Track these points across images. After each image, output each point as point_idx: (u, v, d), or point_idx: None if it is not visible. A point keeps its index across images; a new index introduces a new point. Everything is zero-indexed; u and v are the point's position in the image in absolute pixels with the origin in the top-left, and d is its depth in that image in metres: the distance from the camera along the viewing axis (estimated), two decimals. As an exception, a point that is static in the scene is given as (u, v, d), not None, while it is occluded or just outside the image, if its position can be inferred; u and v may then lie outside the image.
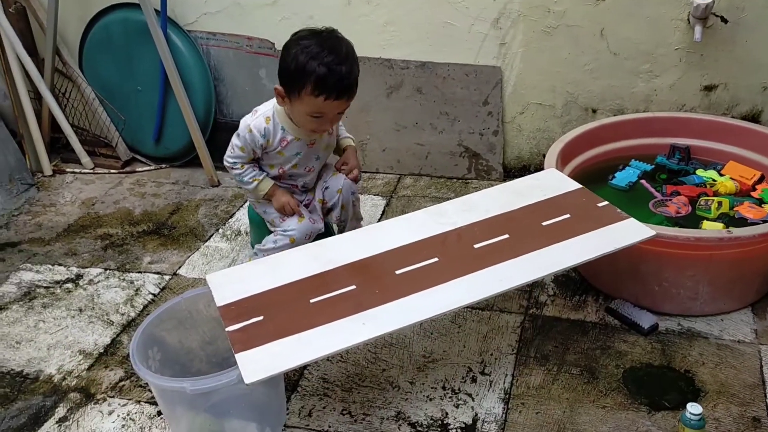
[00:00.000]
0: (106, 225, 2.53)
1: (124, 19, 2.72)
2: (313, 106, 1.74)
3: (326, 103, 1.73)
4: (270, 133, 1.87)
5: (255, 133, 1.86)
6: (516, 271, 1.58)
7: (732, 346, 1.77)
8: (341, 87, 1.73)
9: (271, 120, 1.87)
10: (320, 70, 1.69)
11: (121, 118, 2.87)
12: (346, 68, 1.73)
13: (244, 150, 1.89)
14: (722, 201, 1.96)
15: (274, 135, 1.88)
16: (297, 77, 1.72)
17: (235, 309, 1.52)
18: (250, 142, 1.88)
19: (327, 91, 1.71)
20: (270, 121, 1.87)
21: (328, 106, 1.74)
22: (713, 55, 2.26)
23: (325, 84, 1.70)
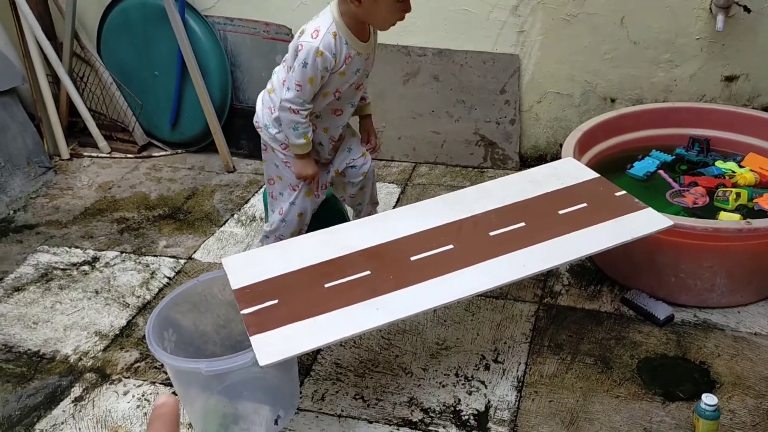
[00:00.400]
0: (123, 209, 2.55)
1: (143, 4, 2.73)
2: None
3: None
4: (338, 50, 1.69)
5: (327, 55, 1.66)
6: (531, 259, 1.58)
7: (748, 339, 1.75)
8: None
9: (338, 35, 1.67)
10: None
11: (138, 102, 2.89)
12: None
13: (313, 82, 1.68)
14: (741, 192, 1.94)
15: (341, 52, 1.69)
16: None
17: (250, 292, 1.52)
18: (321, 69, 1.67)
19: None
20: (337, 36, 1.67)
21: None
22: (735, 45, 2.23)
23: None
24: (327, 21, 1.69)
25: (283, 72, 1.80)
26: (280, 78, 1.82)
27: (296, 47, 1.69)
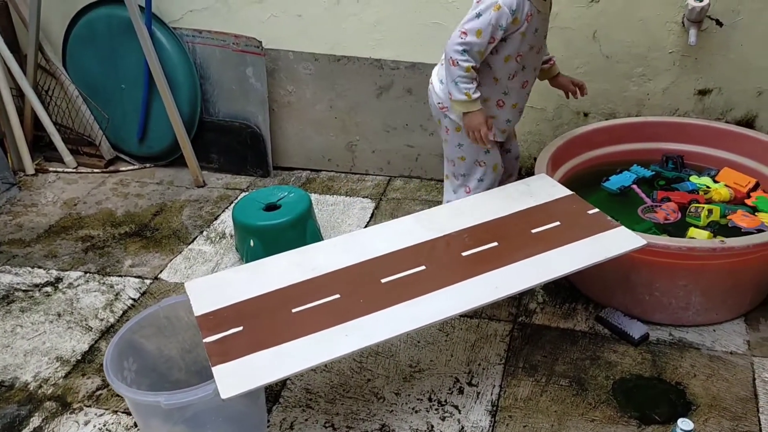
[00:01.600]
0: (88, 226, 2.47)
1: (109, 16, 2.66)
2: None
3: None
4: (519, 7, 1.64)
5: (504, 9, 1.62)
6: (504, 280, 1.54)
7: (724, 358, 1.73)
8: None
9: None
10: None
11: (105, 116, 2.82)
12: None
13: (482, 35, 1.63)
14: (713, 209, 1.93)
15: (522, 9, 1.65)
16: None
17: (214, 319, 1.47)
18: (493, 24, 1.63)
19: None
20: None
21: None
22: (707, 58, 2.22)
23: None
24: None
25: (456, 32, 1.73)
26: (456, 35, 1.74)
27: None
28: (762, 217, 1.90)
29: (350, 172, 2.76)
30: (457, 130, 1.87)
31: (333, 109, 2.65)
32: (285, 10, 2.53)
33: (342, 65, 2.56)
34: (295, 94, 2.66)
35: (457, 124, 1.85)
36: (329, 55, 2.55)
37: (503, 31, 1.66)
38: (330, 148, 2.73)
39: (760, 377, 1.67)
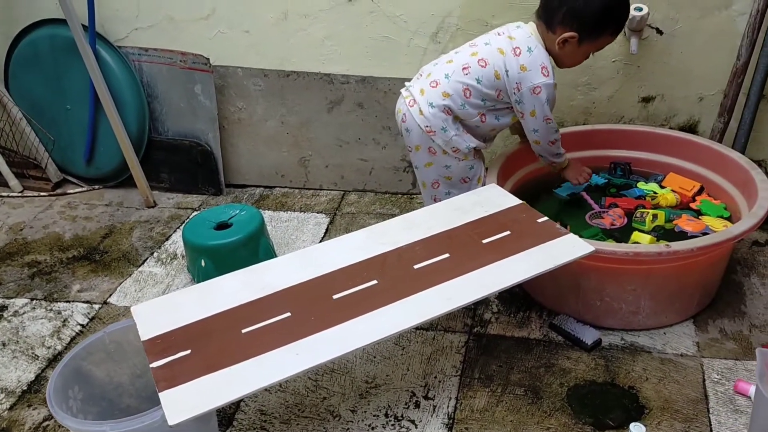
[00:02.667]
0: (35, 251, 2.41)
1: (51, 36, 2.61)
2: (605, 43, 1.85)
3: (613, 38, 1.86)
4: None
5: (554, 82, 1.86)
6: (455, 292, 1.54)
7: (675, 360, 1.76)
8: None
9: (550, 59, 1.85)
10: (624, 12, 1.82)
11: (51, 138, 2.75)
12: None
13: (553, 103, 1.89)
14: (657, 213, 1.96)
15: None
16: (603, 20, 1.78)
17: (161, 342, 1.43)
18: (553, 96, 1.87)
19: (621, 28, 1.85)
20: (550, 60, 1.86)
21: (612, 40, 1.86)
22: (650, 66, 2.27)
23: (623, 22, 1.84)
24: (542, 53, 1.83)
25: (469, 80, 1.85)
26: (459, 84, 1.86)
27: (530, 89, 1.82)
28: (706, 221, 1.94)
29: (304, 187, 2.74)
30: (443, 153, 1.92)
31: (284, 124, 2.63)
32: (232, 27, 2.51)
33: (292, 80, 2.55)
34: (246, 111, 2.64)
35: (444, 148, 1.91)
36: (279, 71, 2.54)
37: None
38: (283, 164, 2.72)
39: (709, 378, 1.70)
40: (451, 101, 1.86)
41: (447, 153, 1.91)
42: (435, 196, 2.02)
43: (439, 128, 1.88)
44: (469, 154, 1.93)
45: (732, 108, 2.19)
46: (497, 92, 1.86)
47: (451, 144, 1.90)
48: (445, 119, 1.87)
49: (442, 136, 1.89)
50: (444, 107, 1.87)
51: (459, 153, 1.92)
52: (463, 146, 1.91)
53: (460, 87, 1.85)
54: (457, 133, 1.89)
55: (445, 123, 1.88)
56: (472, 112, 1.88)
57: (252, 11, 2.46)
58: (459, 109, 1.87)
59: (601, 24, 1.79)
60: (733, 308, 1.93)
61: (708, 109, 2.29)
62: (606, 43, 1.85)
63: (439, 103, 1.87)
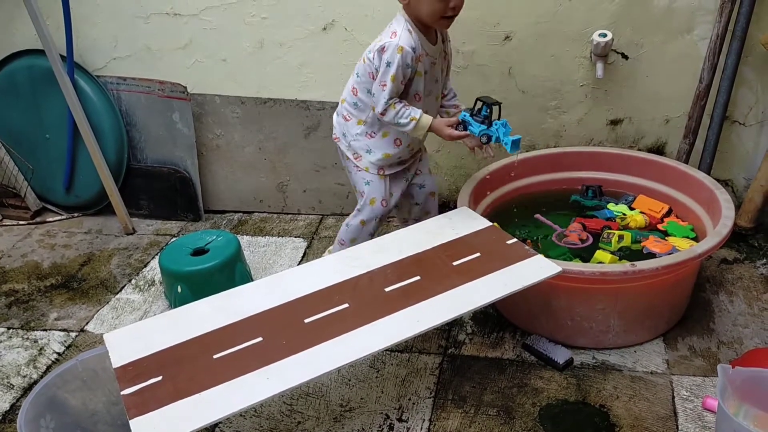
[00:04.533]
0: (12, 280, 2.41)
1: (30, 66, 2.64)
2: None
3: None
4: (417, 44, 1.80)
5: (408, 50, 1.77)
6: (425, 314, 1.57)
7: (645, 378, 1.79)
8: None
9: (412, 32, 1.80)
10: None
11: (29, 167, 2.76)
12: None
13: (395, 79, 1.78)
14: (624, 234, 2.00)
15: (418, 47, 1.80)
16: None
17: (133, 369, 1.45)
18: (402, 65, 1.77)
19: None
20: (411, 33, 1.79)
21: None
22: (617, 90, 2.33)
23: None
24: (400, 22, 1.81)
25: (352, 79, 1.93)
26: (349, 86, 1.95)
27: (379, 49, 1.79)
28: (673, 241, 1.98)
29: (282, 212, 2.77)
30: (346, 159, 2.02)
31: (262, 150, 2.67)
32: (209, 55, 2.55)
33: (269, 107, 2.58)
34: (224, 138, 2.67)
35: (346, 153, 2.00)
36: (256, 98, 2.58)
37: (411, 69, 1.80)
38: (261, 190, 2.74)
39: (678, 395, 1.73)
40: (346, 105, 1.96)
41: (349, 159, 2.00)
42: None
43: (341, 134, 2.00)
44: (371, 169, 1.98)
45: (697, 129, 2.24)
46: (371, 75, 1.85)
47: (352, 149, 1.98)
48: (344, 125, 1.98)
49: (344, 142, 1.99)
50: (342, 114, 1.98)
51: (360, 161, 1.98)
52: (362, 151, 1.96)
53: (350, 88, 1.94)
54: (355, 138, 1.96)
55: (344, 129, 1.98)
56: (364, 109, 1.92)
57: (229, 40, 2.50)
58: (353, 109, 1.94)
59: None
60: (702, 325, 1.97)
61: (674, 131, 2.34)
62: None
63: (339, 111, 1.99)
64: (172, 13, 2.50)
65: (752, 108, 2.27)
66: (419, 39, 1.81)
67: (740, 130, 2.31)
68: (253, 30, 2.48)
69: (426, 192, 2.14)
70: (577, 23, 2.24)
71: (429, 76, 1.88)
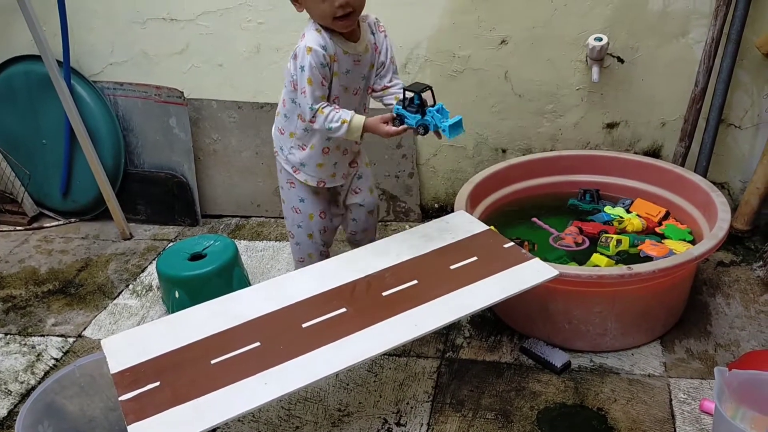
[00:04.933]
0: (9, 286, 2.40)
1: (27, 72, 2.64)
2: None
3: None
4: (328, 44, 1.69)
5: (316, 49, 1.66)
6: (423, 318, 1.57)
7: (642, 381, 1.79)
8: None
9: (322, 31, 1.69)
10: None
11: (26, 172, 2.76)
12: None
13: (312, 82, 1.67)
14: (621, 239, 2.01)
15: (329, 46, 1.69)
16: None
17: (130, 375, 1.44)
18: (317, 65, 1.67)
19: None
20: (322, 31, 1.69)
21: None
22: (612, 93, 2.34)
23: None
24: (309, 24, 1.72)
25: (283, 90, 1.85)
26: (281, 97, 1.88)
27: (293, 56, 1.73)
28: (670, 245, 1.98)
29: (279, 217, 2.77)
30: (280, 171, 1.98)
31: (259, 155, 2.67)
32: (206, 60, 2.55)
33: (266, 112, 2.59)
34: (221, 142, 2.67)
35: (283, 165, 1.95)
36: (252, 103, 2.58)
37: (327, 69, 1.70)
38: (258, 194, 2.74)
39: (676, 398, 1.73)
40: (280, 117, 1.90)
41: (288, 173, 1.94)
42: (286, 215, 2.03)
43: (279, 148, 1.94)
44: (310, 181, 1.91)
45: (693, 132, 2.25)
46: (292, 85, 1.78)
47: (290, 163, 1.92)
48: (279, 138, 1.92)
49: (281, 155, 1.94)
50: (278, 127, 1.92)
51: (299, 175, 1.91)
52: (298, 165, 1.90)
53: (281, 100, 1.88)
54: (290, 152, 1.90)
55: (281, 142, 1.92)
56: (293, 121, 1.85)
57: (225, 46, 2.51)
58: (284, 121, 1.88)
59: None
60: (699, 328, 1.97)
61: (670, 134, 2.35)
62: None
63: (275, 123, 1.94)
64: (169, 18, 2.51)
65: (747, 111, 2.28)
66: (332, 38, 1.70)
67: (736, 133, 2.32)
68: (249, 35, 2.48)
69: (365, 210, 2.05)
70: (572, 27, 2.25)
71: (352, 75, 1.77)
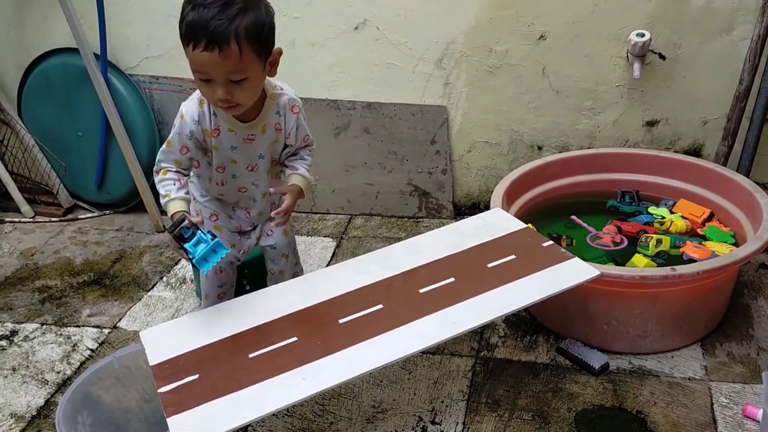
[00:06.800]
0: (45, 276, 2.43)
1: (64, 65, 2.66)
2: (191, 60, 1.45)
3: (198, 55, 1.41)
4: (204, 118, 1.58)
5: (187, 120, 1.57)
6: (461, 316, 1.55)
7: (683, 384, 1.75)
8: (205, 31, 1.38)
9: (206, 103, 1.58)
10: (189, 14, 1.41)
11: (62, 164, 2.79)
12: (215, 10, 1.39)
13: (171, 144, 1.60)
14: (662, 239, 1.97)
15: (206, 121, 1.59)
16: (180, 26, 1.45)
17: (169, 367, 1.44)
18: (180, 132, 1.59)
19: (190, 37, 1.41)
20: (204, 104, 1.58)
21: (203, 60, 1.41)
22: (653, 91, 2.29)
23: (189, 29, 1.41)
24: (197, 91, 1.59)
25: None
26: None
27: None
28: (711, 247, 1.94)
29: (311, 211, 2.77)
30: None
31: (292, 150, 2.66)
32: (241, 55, 2.55)
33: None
34: (254, 137, 2.67)
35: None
36: (286, 98, 2.57)
37: (192, 140, 1.61)
38: (290, 189, 2.74)
39: (717, 402, 1.69)
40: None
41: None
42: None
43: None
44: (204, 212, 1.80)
45: (736, 131, 2.20)
46: None
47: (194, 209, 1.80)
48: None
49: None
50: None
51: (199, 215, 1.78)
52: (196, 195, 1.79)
53: None
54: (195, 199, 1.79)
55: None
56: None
57: (260, 39, 2.50)
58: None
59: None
60: (740, 331, 1.93)
61: (712, 133, 2.30)
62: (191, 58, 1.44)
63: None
64: (205, 12, 2.51)
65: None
66: (217, 113, 1.58)
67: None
68: (284, 29, 2.44)
69: (278, 252, 1.88)
70: (613, 23, 2.21)
71: (242, 152, 1.66)
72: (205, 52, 1.41)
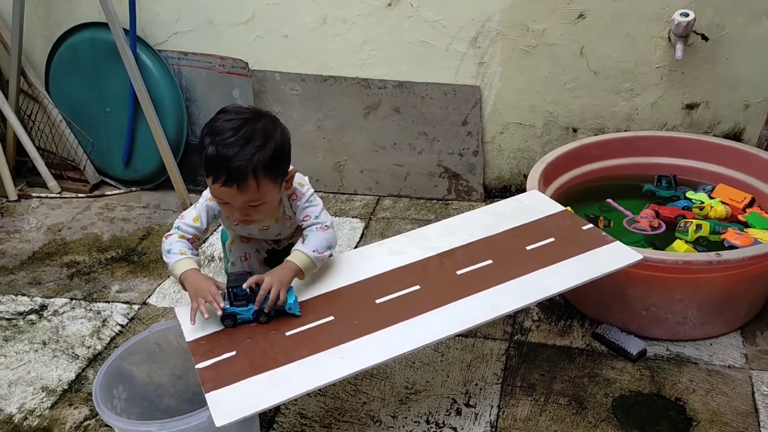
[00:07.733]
0: (73, 252, 2.43)
1: (92, 39, 2.64)
2: (210, 188, 1.55)
3: (217, 188, 1.50)
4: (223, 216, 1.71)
5: (212, 205, 1.66)
6: (500, 299, 1.52)
7: (722, 372, 1.72)
8: (225, 170, 1.46)
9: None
10: (209, 147, 1.48)
11: (89, 140, 2.78)
12: (235, 149, 1.46)
13: (198, 220, 1.65)
14: (702, 224, 1.92)
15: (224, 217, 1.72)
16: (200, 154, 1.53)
17: (206, 344, 1.43)
18: (207, 212, 1.66)
19: (210, 171, 1.49)
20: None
21: (222, 192, 1.51)
22: (694, 73, 2.23)
23: (209, 164, 1.48)
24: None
25: None
26: None
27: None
28: (753, 233, 1.89)
29: (339, 192, 2.74)
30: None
31: (320, 129, 2.63)
32: (271, 31, 2.52)
33: (329, 85, 2.55)
34: (282, 115, 2.64)
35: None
36: (316, 76, 2.54)
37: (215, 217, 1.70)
38: (318, 169, 2.71)
39: (759, 391, 1.66)
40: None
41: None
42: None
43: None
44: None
45: (779, 116, 2.15)
46: None
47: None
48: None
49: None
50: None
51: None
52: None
53: None
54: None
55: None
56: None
57: (291, 16, 2.47)
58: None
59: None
60: (781, 320, 1.89)
61: (754, 117, 2.24)
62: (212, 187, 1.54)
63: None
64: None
65: (838, 94, 2.16)
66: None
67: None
68: (316, 5, 2.44)
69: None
70: (655, 2, 2.15)
71: (260, 235, 1.82)
72: (224, 187, 1.49)
